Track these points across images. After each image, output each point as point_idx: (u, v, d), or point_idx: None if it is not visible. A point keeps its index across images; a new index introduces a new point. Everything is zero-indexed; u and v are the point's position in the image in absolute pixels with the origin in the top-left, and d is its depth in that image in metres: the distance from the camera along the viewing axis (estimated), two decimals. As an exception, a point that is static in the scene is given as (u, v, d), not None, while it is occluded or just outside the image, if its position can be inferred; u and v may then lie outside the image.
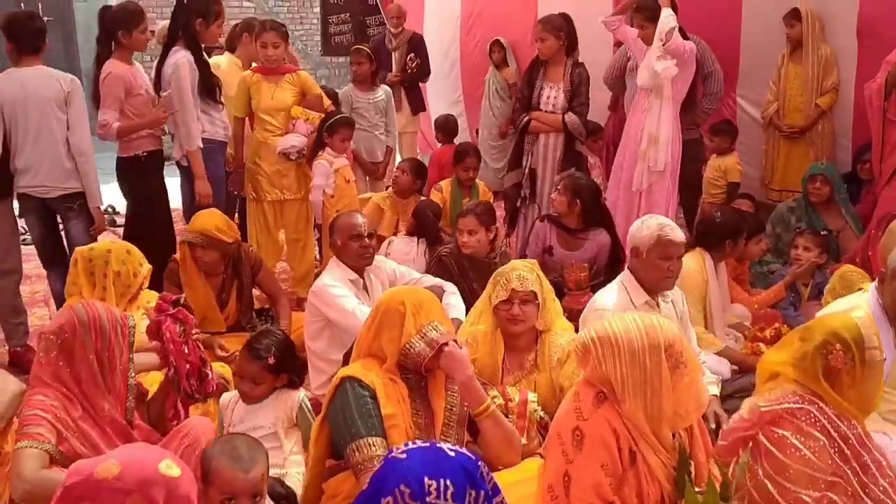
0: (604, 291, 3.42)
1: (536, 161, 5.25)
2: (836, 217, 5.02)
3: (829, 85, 5.53)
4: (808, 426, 2.32)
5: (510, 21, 7.32)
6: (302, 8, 12.53)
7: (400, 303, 2.52)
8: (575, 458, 2.26)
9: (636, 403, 2.23)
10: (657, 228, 3.29)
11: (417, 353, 2.47)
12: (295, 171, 4.98)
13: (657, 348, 2.23)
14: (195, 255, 3.98)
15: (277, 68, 4.91)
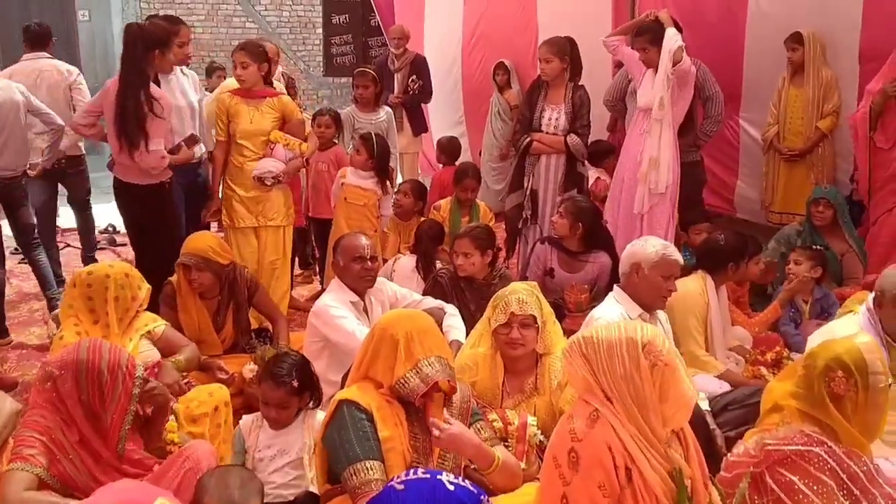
0: (600, 308, 3.48)
1: (538, 182, 5.25)
2: (840, 241, 5.00)
3: (829, 108, 5.54)
4: (817, 471, 2.29)
5: (511, 43, 7.36)
6: (304, 29, 12.61)
7: (395, 333, 2.50)
8: (572, 479, 2.23)
9: (622, 403, 2.22)
10: (662, 247, 3.44)
11: (411, 389, 2.44)
12: (273, 197, 4.79)
13: (634, 343, 2.22)
14: (190, 277, 3.94)
15: (258, 91, 4.71)
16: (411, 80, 7.16)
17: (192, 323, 3.99)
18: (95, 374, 2.49)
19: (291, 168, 4.80)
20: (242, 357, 3.95)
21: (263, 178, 4.68)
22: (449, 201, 5.45)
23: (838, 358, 2.40)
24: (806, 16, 5.54)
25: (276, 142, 4.71)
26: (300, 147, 4.77)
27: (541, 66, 5.17)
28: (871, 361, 2.39)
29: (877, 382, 2.38)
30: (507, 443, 2.79)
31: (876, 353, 2.42)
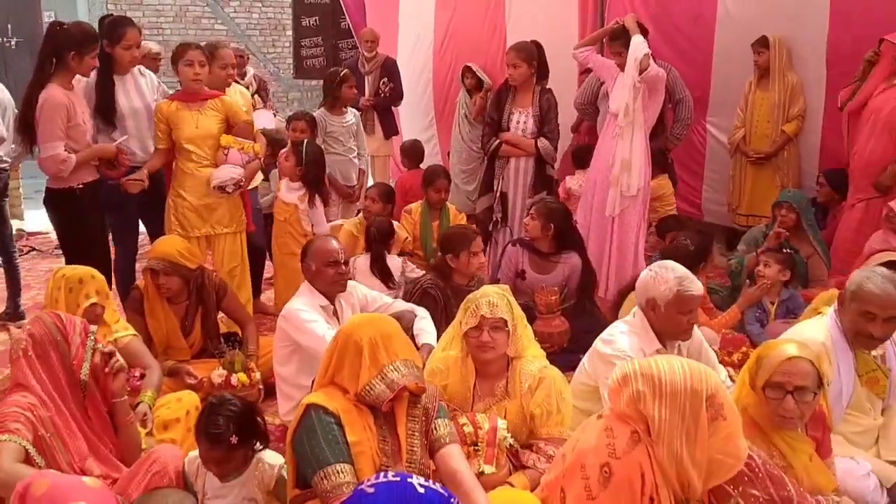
0: (615, 333, 3.23)
1: (508, 185, 5.27)
2: (804, 243, 5.09)
3: (795, 112, 5.63)
4: (736, 481, 2.29)
5: (480, 47, 7.39)
6: (274, 31, 12.53)
7: (359, 339, 2.48)
8: (598, 494, 2.21)
9: (669, 448, 2.17)
10: (676, 283, 3.10)
11: (377, 396, 2.43)
12: (226, 203, 4.63)
13: (699, 395, 2.16)
14: (157, 282, 3.89)
15: (198, 94, 4.54)
16: (382, 82, 7.15)
17: (159, 328, 3.94)
18: (55, 331, 2.71)
19: (251, 171, 4.67)
20: (211, 362, 3.90)
21: (224, 185, 4.53)
22: (420, 205, 5.44)
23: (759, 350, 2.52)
24: (774, 21, 5.62)
25: (229, 146, 4.56)
26: (254, 149, 4.66)
27: (509, 71, 5.19)
28: (767, 361, 2.47)
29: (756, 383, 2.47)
30: (476, 446, 2.78)
31: (780, 357, 2.47)
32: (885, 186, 4.82)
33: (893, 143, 4.78)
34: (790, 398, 2.43)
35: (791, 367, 2.45)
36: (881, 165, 4.82)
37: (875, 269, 3.04)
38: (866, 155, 4.89)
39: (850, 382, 2.98)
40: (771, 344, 2.58)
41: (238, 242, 4.76)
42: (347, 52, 9.42)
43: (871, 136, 4.86)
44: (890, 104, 4.78)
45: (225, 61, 4.85)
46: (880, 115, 4.80)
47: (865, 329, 2.95)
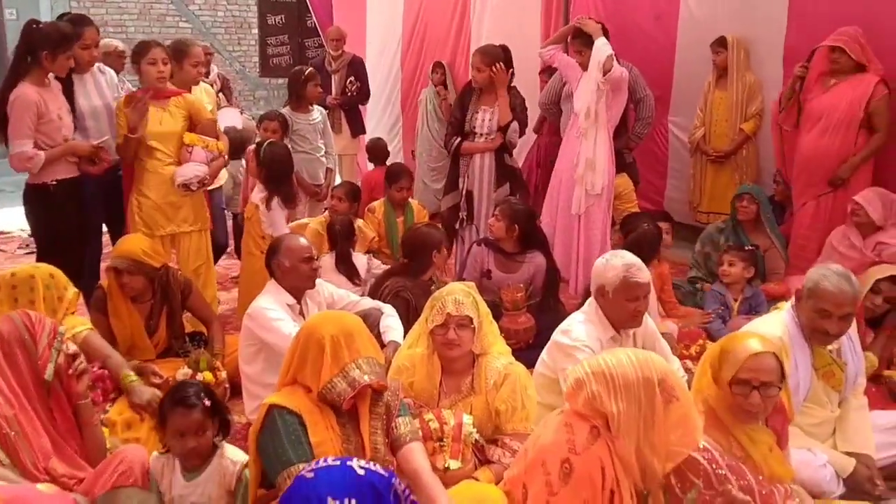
0: (573, 324, 3.31)
1: (473, 183, 5.30)
2: (762, 237, 5.20)
3: (753, 111, 5.74)
4: (691, 473, 2.35)
5: (445, 45, 7.42)
6: (240, 29, 12.43)
7: (321, 337, 2.48)
8: (559, 490, 2.25)
9: (630, 439, 2.23)
10: (623, 270, 3.19)
11: (338, 394, 2.44)
12: (190, 201, 4.59)
13: (651, 382, 2.24)
14: (121, 281, 3.85)
15: (162, 92, 4.51)
16: (349, 81, 7.14)
17: (123, 328, 3.90)
18: (23, 330, 2.69)
19: (215, 169, 4.63)
20: (176, 361, 3.87)
21: (189, 183, 4.50)
22: (383, 203, 5.45)
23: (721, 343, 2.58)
24: (734, 21, 5.72)
25: (192, 144, 4.53)
26: (218, 146, 4.63)
27: (472, 74, 5.22)
28: (732, 356, 2.52)
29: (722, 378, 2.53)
30: (442, 442, 2.80)
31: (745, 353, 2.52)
32: (843, 180, 4.95)
33: (850, 138, 4.92)
34: (756, 393, 2.49)
35: (757, 364, 2.50)
36: (838, 160, 4.96)
37: (830, 267, 3.10)
38: (821, 152, 5.00)
39: (806, 376, 3.05)
40: (734, 338, 2.62)
41: (203, 241, 4.73)
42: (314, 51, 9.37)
43: (824, 134, 4.98)
44: (844, 101, 4.92)
45: (197, 59, 4.82)
46: (834, 112, 4.94)
47: (822, 326, 3.02)
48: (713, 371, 2.61)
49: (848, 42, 4.87)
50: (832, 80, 5.01)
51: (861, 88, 4.88)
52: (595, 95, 4.97)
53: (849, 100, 4.90)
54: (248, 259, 4.89)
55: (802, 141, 5.12)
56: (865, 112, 4.88)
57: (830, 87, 5.01)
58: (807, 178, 5.14)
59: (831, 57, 4.95)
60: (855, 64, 4.91)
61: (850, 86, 4.93)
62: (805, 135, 5.11)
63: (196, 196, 4.63)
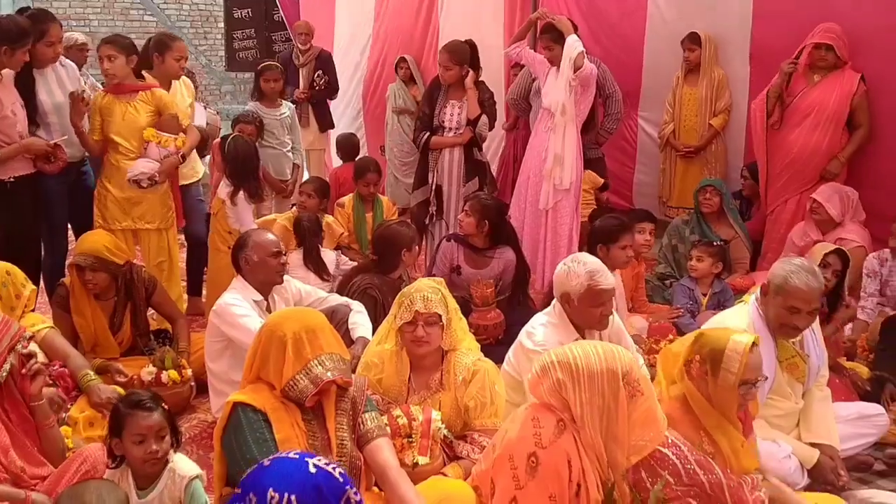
0: (538, 326, 3.31)
1: (442, 178, 5.30)
2: (726, 228, 5.29)
3: (721, 106, 5.79)
4: (661, 468, 2.39)
5: (412, 40, 7.39)
6: (206, 23, 12.30)
7: (283, 334, 2.46)
8: (526, 484, 2.26)
9: (594, 430, 2.25)
10: (587, 278, 3.15)
11: (300, 391, 2.41)
12: (150, 199, 4.54)
13: (616, 375, 2.25)
14: (84, 278, 3.80)
15: (129, 86, 4.46)
16: (317, 75, 7.08)
17: (87, 326, 3.85)
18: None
19: (167, 167, 4.52)
20: (141, 360, 3.84)
21: (138, 180, 4.43)
22: (352, 198, 5.42)
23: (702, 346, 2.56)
24: (702, 17, 5.78)
25: (149, 140, 4.47)
26: (175, 143, 4.55)
27: (441, 73, 5.21)
28: (729, 358, 2.51)
29: (727, 379, 2.51)
30: (410, 438, 2.79)
31: (741, 352, 2.52)
32: (833, 174, 5.03)
33: (838, 134, 5.03)
34: (754, 389, 2.54)
35: (756, 361, 2.54)
36: (828, 156, 5.05)
37: (795, 262, 3.13)
38: (809, 148, 5.08)
39: (771, 368, 3.07)
40: (716, 336, 2.61)
41: (165, 239, 4.68)
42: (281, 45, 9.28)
43: (814, 131, 5.06)
44: (832, 98, 5.00)
45: (180, 53, 4.77)
46: (823, 109, 5.02)
47: (791, 321, 3.05)
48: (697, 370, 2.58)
49: (836, 39, 4.95)
50: (816, 77, 5.08)
51: (845, 85, 4.98)
52: (567, 92, 4.98)
53: (836, 96, 4.99)
54: (214, 255, 4.84)
55: (788, 138, 5.18)
56: (850, 108, 4.97)
57: (816, 83, 5.07)
58: (792, 175, 5.20)
59: (817, 54, 5.01)
60: (836, 60, 4.99)
61: (835, 82, 5.02)
62: (791, 132, 5.16)
63: (159, 194, 4.58)
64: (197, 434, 3.59)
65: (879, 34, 4.96)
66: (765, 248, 5.36)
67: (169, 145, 4.52)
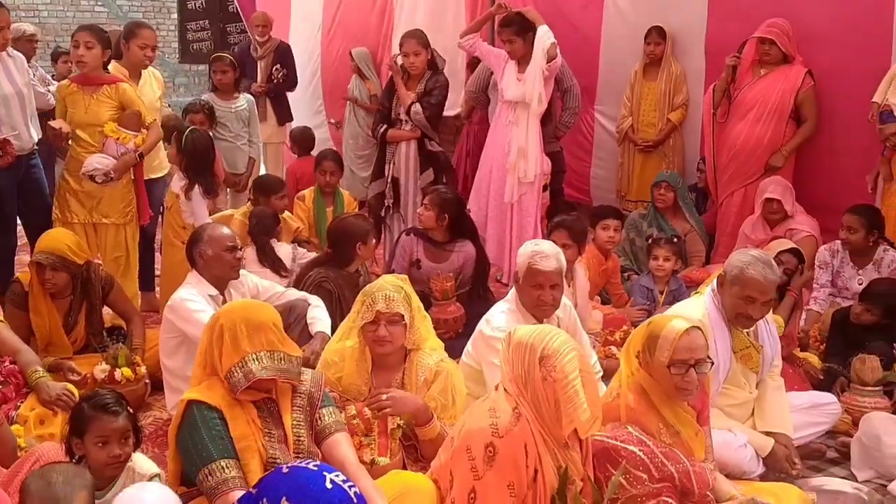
0: (496, 313, 3.34)
1: (399, 170, 5.29)
2: (682, 221, 5.38)
3: (679, 101, 5.86)
4: (631, 466, 2.43)
5: (368, 32, 7.35)
6: (158, 13, 12.08)
7: (223, 323, 2.45)
8: (485, 474, 2.27)
9: (524, 398, 2.30)
10: (528, 256, 3.24)
11: (233, 384, 2.39)
12: (109, 193, 4.49)
13: (535, 351, 2.30)
14: (43, 276, 3.73)
15: (96, 78, 4.41)
16: (275, 68, 7.00)
17: (43, 324, 3.80)
18: None
19: (122, 164, 4.45)
20: (94, 357, 3.77)
21: (92, 175, 4.37)
22: (312, 191, 5.37)
23: (646, 334, 2.61)
24: (657, 12, 5.82)
25: (108, 135, 4.41)
26: (134, 141, 4.48)
27: (409, 60, 5.18)
28: (663, 338, 2.54)
29: (658, 359, 2.55)
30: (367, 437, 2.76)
31: (675, 333, 2.54)
32: (776, 167, 5.13)
33: (781, 127, 5.13)
34: (693, 372, 2.53)
35: (690, 342, 2.54)
36: (769, 149, 5.15)
37: (752, 253, 3.17)
38: (753, 141, 5.18)
39: (726, 358, 3.12)
40: (659, 322, 2.65)
41: (123, 234, 4.61)
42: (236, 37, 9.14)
43: (756, 124, 5.17)
44: (775, 92, 5.10)
45: (145, 41, 4.70)
46: (766, 103, 5.12)
47: (746, 311, 3.09)
48: (643, 358, 2.62)
49: (778, 34, 5.05)
50: (762, 71, 5.19)
51: (791, 79, 5.08)
52: (541, 82, 5.00)
53: (780, 90, 5.09)
54: (168, 250, 4.77)
55: (733, 130, 5.28)
56: (794, 102, 5.08)
57: (761, 77, 5.18)
58: (737, 167, 5.31)
59: (761, 48, 5.10)
60: (782, 55, 5.07)
61: (780, 76, 5.12)
62: (736, 124, 5.27)
63: (119, 189, 4.51)
64: (152, 432, 3.53)
65: (830, 29, 5.06)
66: (717, 241, 5.45)
67: (128, 142, 4.45)
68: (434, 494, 2.45)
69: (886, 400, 3.61)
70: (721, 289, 3.16)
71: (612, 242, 4.85)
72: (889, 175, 4.77)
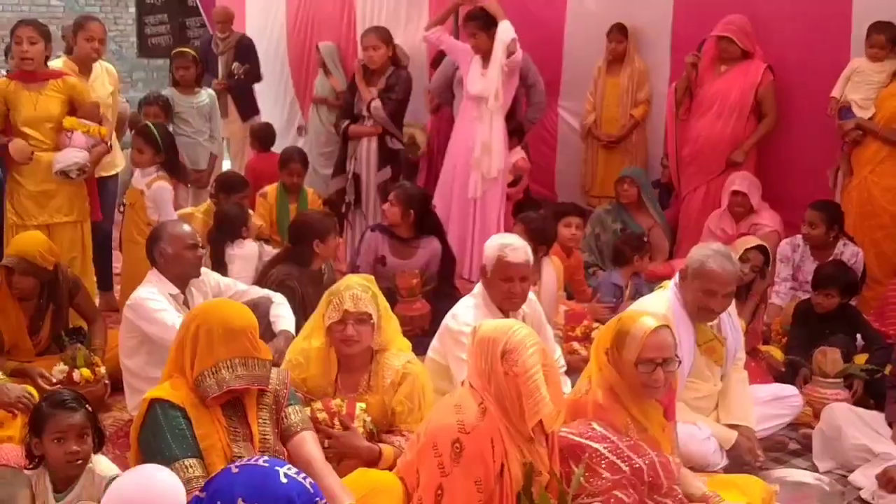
0: (463, 308, 3.34)
1: (360, 167, 5.27)
2: (646, 216, 5.45)
3: (642, 97, 5.89)
4: (593, 463, 2.44)
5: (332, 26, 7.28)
6: (116, 7, 11.82)
7: (200, 325, 2.41)
8: (452, 470, 2.27)
9: (488, 393, 2.31)
10: (498, 249, 3.26)
11: (204, 390, 2.36)
12: (66, 190, 4.36)
13: (497, 345, 2.31)
14: (11, 280, 3.69)
15: (40, 74, 4.27)
16: (235, 64, 6.91)
17: (9, 328, 3.74)
18: None
19: (96, 155, 4.40)
20: (54, 359, 3.70)
21: (68, 171, 4.25)
22: (275, 188, 5.31)
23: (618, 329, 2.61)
24: (622, 8, 5.83)
25: (73, 129, 4.28)
26: (100, 131, 4.40)
27: (368, 54, 5.16)
28: (632, 337, 2.54)
29: (625, 357, 2.55)
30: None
31: (643, 331, 2.54)
32: (737, 163, 5.19)
33: (742, 124, 5.19)
34: (660, 370, 2.53)
35: (658, 341, 2.54)
36: (731, 145, 5.21)
37: (712, 247, 3.21)
38: (714, 137, 5.24)
39: (690, 352, 3.14)
40: (627, 319, 2.65)
41: (79, 232, 4.51)
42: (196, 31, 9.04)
43: (717, 120, 5.23)
44: (735, 88, 5.16)
45: (91, 34, 4.60)
46: (727, 99, 5.18)
47: (707, 304, 3.12)
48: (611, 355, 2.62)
49: (736, 32, 5.11)
50: (723, 67, 5.25)
51: (750, 75, 5.14)
52: (500, 78, 5.00)
53: (740, 86, 5.15)
54: (130, 247, 4.69)
55: (695, 127, 5.34)
56: (755, 98, 5.13)
57: (721, 74, 5.24)
58: (700, 163, 5.37)
59: (721, 46, 5.16)
60: (742, 52, 5.13)
61: (739, 73, 5.18)
62: (698, 121, 5.33)
63: (74, 185, 4.40)
64: (113, 433, 3.47)
65: (789, 25, 5.13)
66: (680, 236, 5.50)
67: (95, 134, 4.36)
68: (401, 492, 2.45)
69: (847, 392, 3.67)
70: (683, 283, 3.19)
71: (575, 240, 4.86)
72: (848, 170, 4.87)
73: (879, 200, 4.73)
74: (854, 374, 3.72)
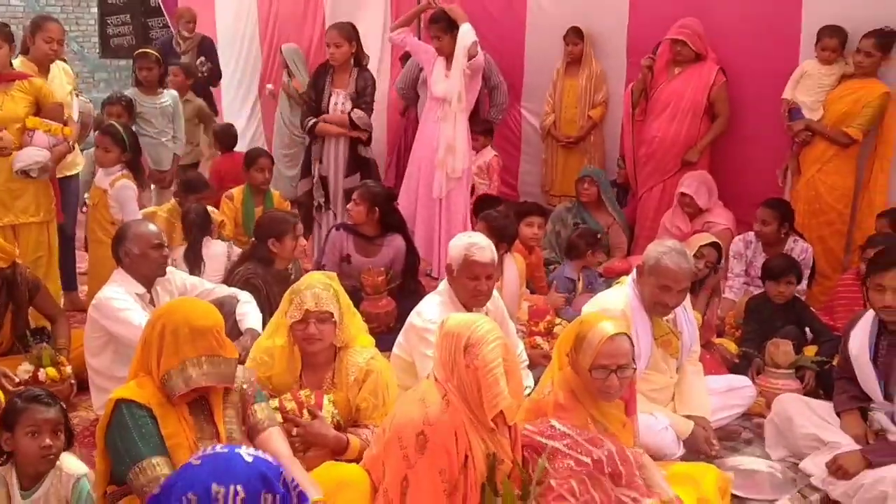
0: (428, 305, 3.38)
1: (326, 170, 5.27)
2: (605, 215, 5.58)
3: (599, 98, 6.01)
4: (556, 461, 2.51)
5: (301, 28, 7.29)
6: (77, 7, 11.66)
7: (166, 324, 2.43)
8: (416, 462, 2.31)
9: (451, 384, 2.36)
10: (465, 248, 3.30)
11: (171, 388, 2.38)
12: (31, 190, 4.34)
13: (460, 339, 2.37)
14: None
15: (4, 75, 4.26)
16: (199, 62, 6.89)
17: (-32, 327, 3.69)
18: None
19: (57, 155, 4.38)
20: (19, 359, 3.66)
21: (29, 169, 4.23)
22: (241, 189, 5.30)
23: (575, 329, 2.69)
24: (580, 10, 5.94)
25: (34, 128, 4.27)
26: (63, 131, 4.37)
27: (330, 51, 5.17)
28: (588, 342, 2.60)
29: (580, 362, 2.62)
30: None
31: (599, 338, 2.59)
32: (691, 162, 5.33)
33: (696, 124, 5.33)
34: (614, 377, 2.57)
35: (613, 349, 2.58)
36: (685, 145, 5.35)
37: (667, 244, 3.29)
38: (669, 138, 5.37)
39: (647, 345, 3.23)
40: (586, 323, 2.70)
41: (45, 232, 4.47)
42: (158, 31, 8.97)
43: (672, 121, 5.36)
44: (689, 89, 5.30)
45: (50, 35, 4.55)
46: (681, 100, 5.32)
47: (662, 299, 3.21)
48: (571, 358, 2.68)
49: (689, 35, 5.23)
50: (677, 70, 5.38)
51: (704, 77, 5.28)
52: (462, 80, 5.06)
53: (693, 88, 5.29)
54: (95, 247, 4.65)
55: (651, 127, 5.47)
56: (708, 99, 5.27)
57: (676, 76, 5.37)
58: (655, 163, 5.50)
59: (674, 48, 5.28)
60: (695, 54, 5.26)
61: (693, 75, 5.31)
62: (653, 121, 5.46)
63: (39, 185, 4.37)
64: (79, 432, 3.44)
65: (741, 28, 5.25)
66: (637, 234, 5.63)
67: (57, 133, 4.33)
68: (368, 486, 2.49)
69: (798, 382, 3.78)
70: (640, 279, 3.27)
71: (536, 239, 4.94)
72: (797, 169, 5.02)
73: (826, 198, 4.89)
74: (805, 366, 3.83)
